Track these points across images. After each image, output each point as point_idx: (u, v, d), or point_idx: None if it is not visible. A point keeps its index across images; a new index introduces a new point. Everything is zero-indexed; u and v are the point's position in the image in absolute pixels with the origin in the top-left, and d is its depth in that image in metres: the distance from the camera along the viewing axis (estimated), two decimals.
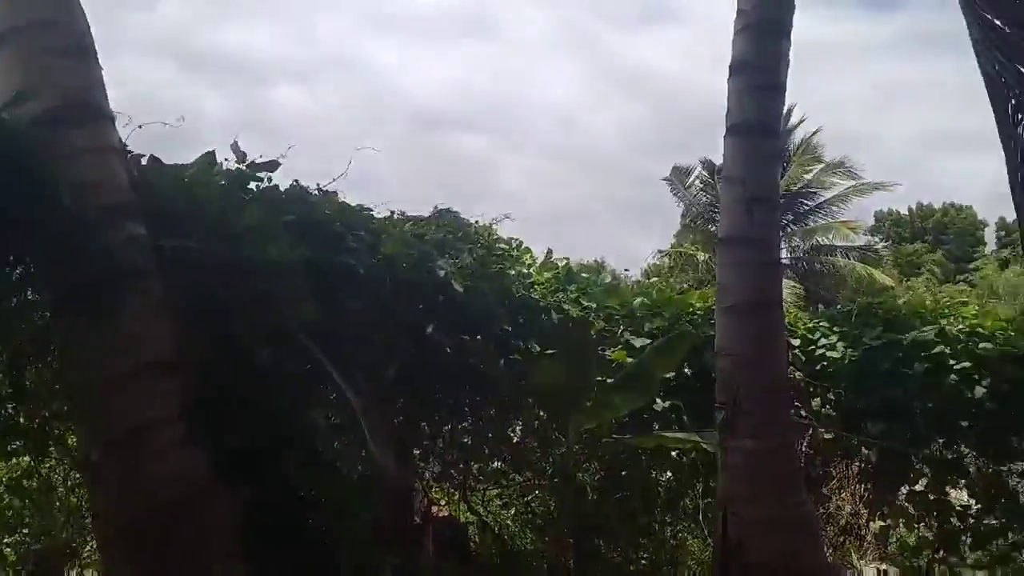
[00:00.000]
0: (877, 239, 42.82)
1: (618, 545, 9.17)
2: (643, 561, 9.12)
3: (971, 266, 39.05)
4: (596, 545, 8.90)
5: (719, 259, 6.91)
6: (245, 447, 5.26)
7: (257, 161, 6.00)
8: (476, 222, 8.13)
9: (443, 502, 9.27)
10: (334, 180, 6.56)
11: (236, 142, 6.02)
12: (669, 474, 9.40)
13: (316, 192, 6.50)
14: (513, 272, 8.51)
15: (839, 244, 30.28)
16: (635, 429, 8.04)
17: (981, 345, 8.19)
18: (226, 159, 5.98)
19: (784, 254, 30.04)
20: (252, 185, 6.02)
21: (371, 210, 6.83)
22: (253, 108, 79.08)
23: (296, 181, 6.36)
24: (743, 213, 6.40)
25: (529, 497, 9.51)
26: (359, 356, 5.97)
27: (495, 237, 8.66)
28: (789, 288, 26.47)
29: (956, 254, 42.84)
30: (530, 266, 9.34)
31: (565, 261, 9.55)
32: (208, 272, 5.25)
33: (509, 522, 9.76)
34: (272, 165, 6.01)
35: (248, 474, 5.22)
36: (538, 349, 7.92)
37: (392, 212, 7.24)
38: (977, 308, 9.19)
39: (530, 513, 9.35)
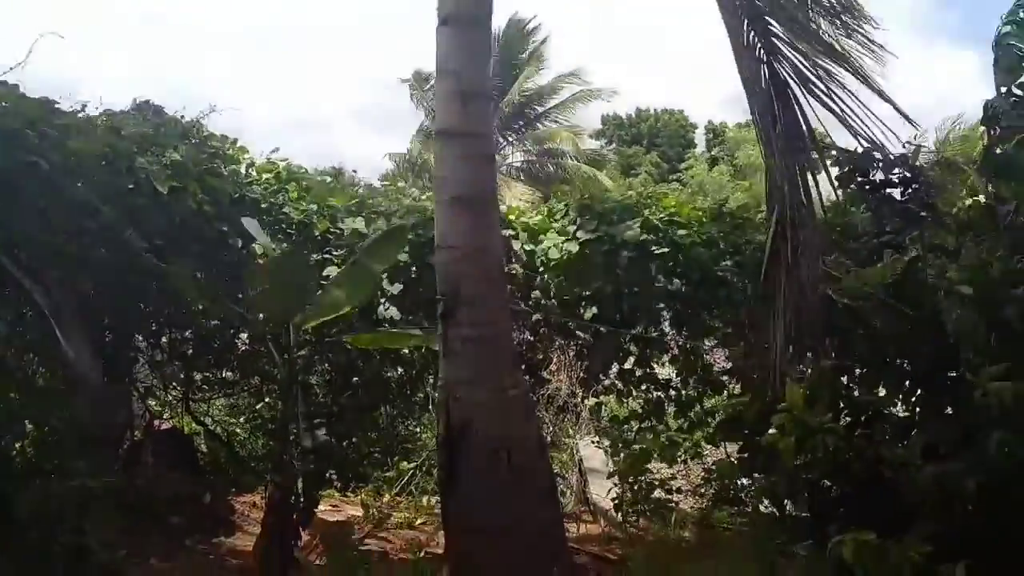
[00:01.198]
0: (603, 142, 45.27)
1: (349, 440, 9.30)
2: (375, 454, 9.32)
3: (682, 166, 42.29)
4: (325, 442, 8.97)
5: (436, 152, 6.96)
6: None
7: None
8: (182, 117, 7.59)
9: (166, 415, 8.91)
10: (11, 69, 5.84)
11: None
12: (400, 370, 9.59)
13: None
14: (228, 172, 8.14)
15: (568, 149, 31.57)
16: (367, 329, 8.08)
17: (679, 232, 8.95)
18: None
19: (519, 157, 31.02)
20: None
21: (57, 103, 6.17)
22: None
23: None
24: (458, 106, 6.45)
25: (260, 404, 9.37)
26: (48, 259, 5.46)
27: (206, 134, 8.17)
28: (523, 191, 27.45)
29: (669, 155, 46.20)
30: (249, 166, 8.95)
31: (286, 161, 9.22)
32: None
33: (239, 430, 9.59)
34: None
35: None
36: (259, 250, 7.69)
37: (84, 106, 6.58)
38: (676, 199, 9.93)
39: (260, 419, 9.22)
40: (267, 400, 9.13)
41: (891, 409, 6.09)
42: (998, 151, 5.89)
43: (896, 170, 6.06)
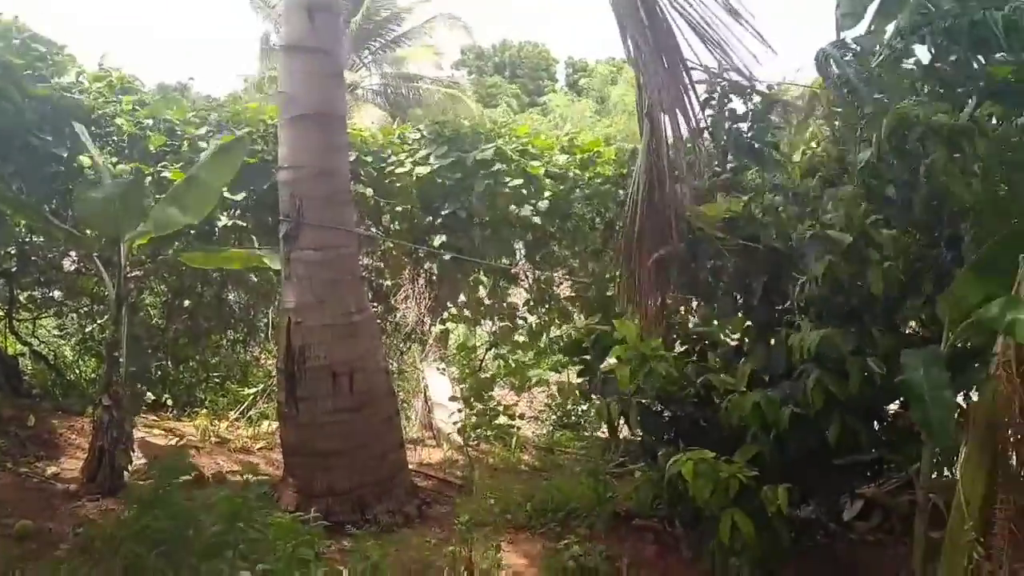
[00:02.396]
0: (464, 71, 44.66)
1: (187, 364, 9.00)
2: (214, 378, 9.05)
3: (543, 99, 42.34)
4: (161, 366, 8.66)
5: (281, 67, 6.66)
6: None
7: None
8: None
9: None
10: None
11: None
12: (243, 293, 9.30)
13: None
14: (56, 80, 7.54)
15: (426, 74, 30.91)
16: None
17: (531, 163, 8.96)
18: None
19: (375, 80, 30.14)
20: None
21: None
22: None
23: None
24: (304, 20, 6.17)
25: (92, 327, 8.90)
26: None
27: (29, 35, 7.51)
28: (379, 114, 26.81)
29: (530, 87, 46.12)
30: (79, 74, 8.31)
31: (119, 70, 8.59)
32: None
33: (68, 351, 9.09)
34: None
35: None
36: (87, 162, 7.21)
37: None
38: (529, 129, 9.91)
39: (91, 341, 8.76)
40: (99, 322, 8.66)
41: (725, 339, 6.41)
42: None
43: (750, 101, 6.15)
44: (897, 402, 5.39)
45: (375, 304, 8.57)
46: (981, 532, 4.13)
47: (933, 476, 5.04)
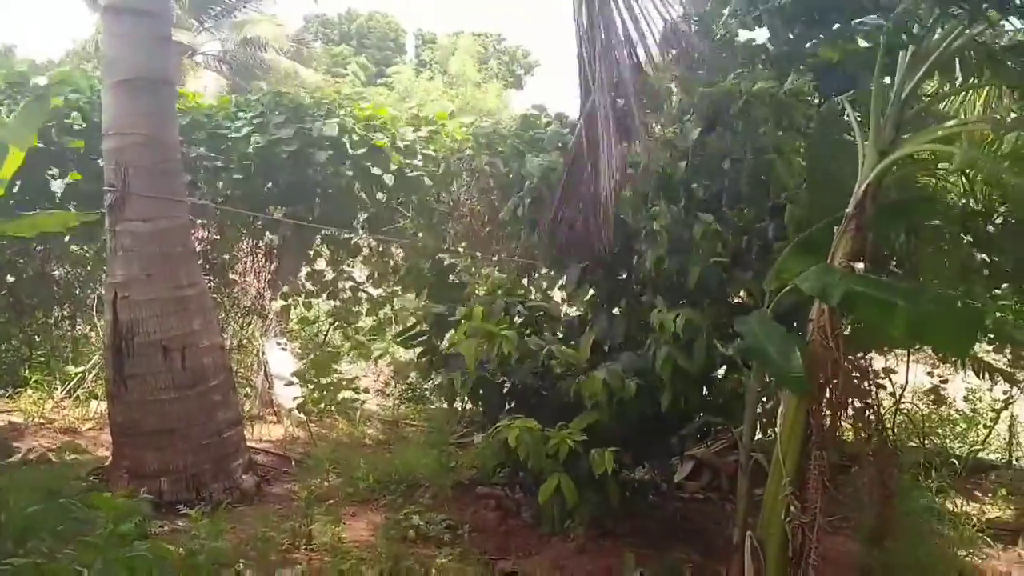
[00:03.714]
0: (309, 38, 43.31)
1: (10, 343, 8.48)
2: (39, 357, 8.56)
3: (390, 71, 41.77)
4: None
5: (105, 30, 6.31)
6: None
7: None
8: None
9: None
10: None
11: None
12: (69, 267, 8.83)
13: None
14: None
15: (269, 41, 29.83)
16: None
17: (375, 136, 8.89)
18: None
19: (216, 47, 28.89)
20: None
21: None
22: None
23: None
24: None
25: None
26: None
27: None
28: (218, 81, 25.76)
29: (378, 58, 45.32)
30: None
31: None
32: None
33: None
34: None
35: None
36: None
37: None
38: (372, 102, 9.84)
39: None
40: None
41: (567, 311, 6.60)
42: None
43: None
44: (723, 368, 5.72)
45: (211, 278, 8.29)
46: (797, 487, 4.46)
47: (757, 436, 5.40)
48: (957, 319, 4.16)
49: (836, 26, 5.43)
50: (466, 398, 6.23)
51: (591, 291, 6.10)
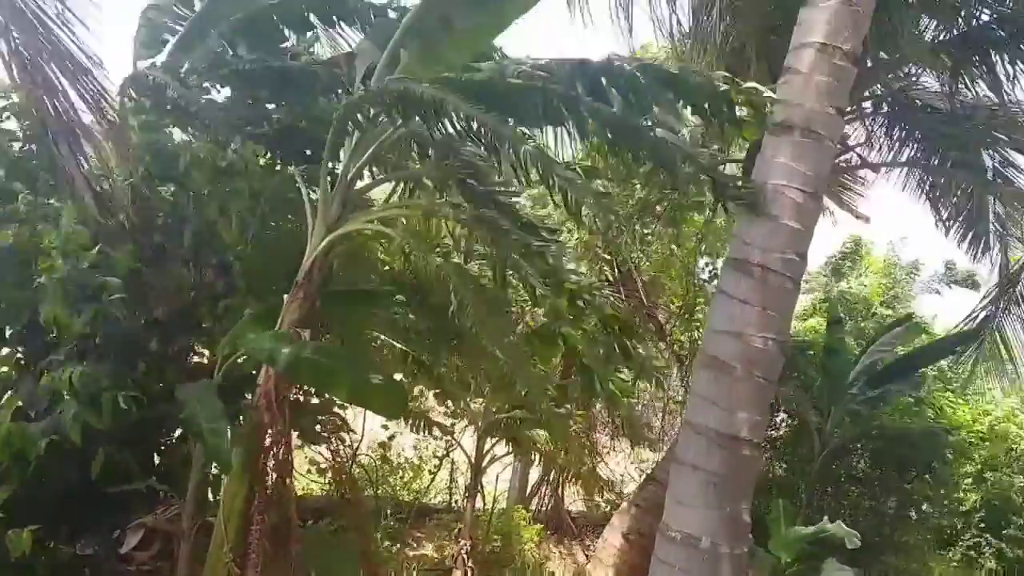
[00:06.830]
0: None
1: None
2: None
3: None
4: None
5: None
6: None
7: None
8: None
9: None
10: None
11: None
12: None
13: None
14: None
15: None
16: None
17: None
18: None
19: None
20: None
21: None
22: None
23: None
24: None
25: None
26: None
27: None
28: None
29: None
30: None
31: None
32: None
33: None
34: None
35: None
36: None
37: None
38: None
39: None
40: None
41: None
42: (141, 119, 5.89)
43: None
44: (179, 431, 5.56)
45: None
46: (241, 550, 4.51)
47: (212, 499, 5.33)
48: (388, 390, 4.62)
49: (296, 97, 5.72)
50: None
51: (18, 352, 5.46)
